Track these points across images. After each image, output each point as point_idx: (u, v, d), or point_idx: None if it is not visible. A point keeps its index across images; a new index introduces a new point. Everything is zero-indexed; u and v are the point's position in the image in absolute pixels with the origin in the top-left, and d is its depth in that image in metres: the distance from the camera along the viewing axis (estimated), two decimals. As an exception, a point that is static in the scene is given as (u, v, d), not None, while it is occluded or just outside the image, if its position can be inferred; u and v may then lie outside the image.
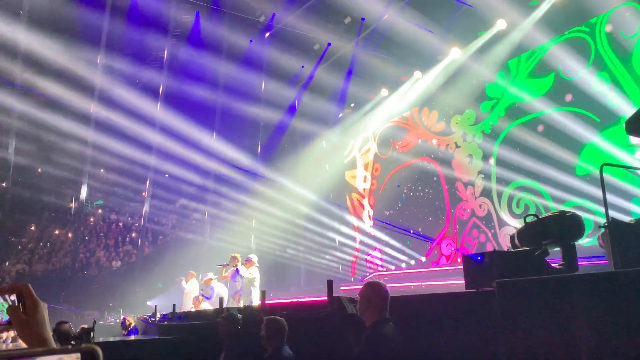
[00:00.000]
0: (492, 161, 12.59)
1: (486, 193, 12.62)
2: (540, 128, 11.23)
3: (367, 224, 16.08)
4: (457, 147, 13.67)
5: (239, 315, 5.40)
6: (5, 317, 1.03)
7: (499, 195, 12.28)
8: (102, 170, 23.58)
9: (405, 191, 15.25)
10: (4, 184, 22.84)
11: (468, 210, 13.07)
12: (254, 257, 10.12)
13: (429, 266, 13.41)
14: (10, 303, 1.01)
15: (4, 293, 1.03)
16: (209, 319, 6.14)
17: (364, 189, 16.87)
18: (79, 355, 0.66)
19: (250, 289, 9.65)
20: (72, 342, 3.51)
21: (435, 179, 14.27)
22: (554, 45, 11.15)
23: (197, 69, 17.75)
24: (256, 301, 9.33)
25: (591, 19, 10.53)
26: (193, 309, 10.58)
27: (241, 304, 9.33)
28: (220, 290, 10.71)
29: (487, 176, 12.66)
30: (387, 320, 3.39)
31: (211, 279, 10.93)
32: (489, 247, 11.87)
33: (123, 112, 18.15)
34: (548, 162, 10.78)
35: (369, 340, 3.27)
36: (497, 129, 12.50)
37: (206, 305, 10.54)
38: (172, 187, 21.48)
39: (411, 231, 14.42)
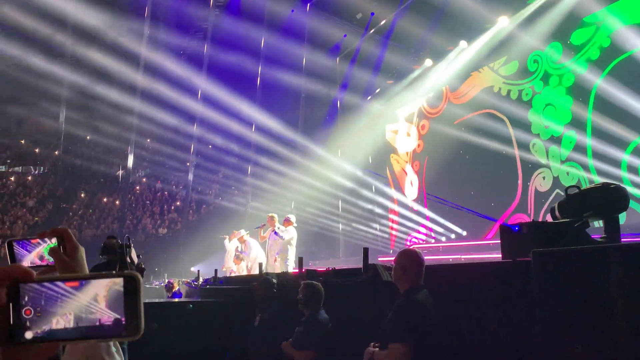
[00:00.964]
0: (587, 111, 9.58)
1: (578, 156, 9.76)
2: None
3: (410, 196, 15.38)
4: (536, 93, 10.80)
5: (274, 280, 5.54)
6: (50, 259, 1.10)
7: (598, 159, 9.23)
8: (148, 140, 24.18)
9: (461, 154, 12.91)
10: (56, 152, 23.77)
11: (550, 179, 10.40)
12: (293, 217, 10.28)
13: (471, 240, 12.43)
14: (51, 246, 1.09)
15: (46, 236, 1.11)
16: (248, 283, 6.32)
17: (407, 152, 15.45)
18: (122, 279, 0.72)
19: (287, 248, 9.86)
20: (117, 251, 3.79)
21: (503, 137, 11.46)
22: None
23: (239, 39, 17.81)
24: (292, 260, 9.57)
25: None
26: (233, 268, 10.97)
27: (277, 263, 9.60)
28: (255, 246, 11.00)
29: (581, 133, 9.69)
30: (421, 287, 3.41)
31: (242, 236, 11.21)
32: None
33: (168, 82, 18.49)
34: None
35: (402, 306, 3.30)
36: (597, 65, 9.41)
37: (243, 263, 10.86)
38: (215, 158, 21.87)
39: (468, 209, 12.29)
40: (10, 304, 0.71)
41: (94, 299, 0.72)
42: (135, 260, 3.81)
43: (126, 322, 0.72)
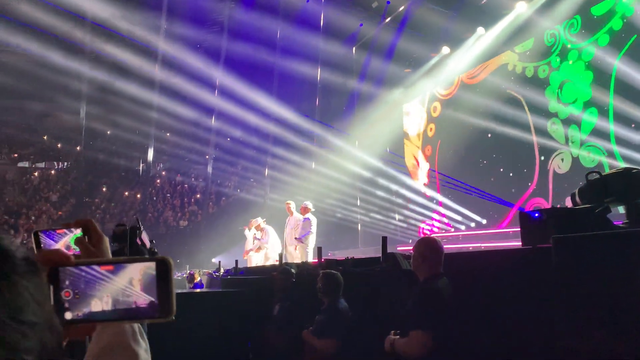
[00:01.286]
0: (610, 87, 8.93)
1: (599, 134, 9.12)
2: None
3: (422, 181, 15.26)
4: (553, 70, 10.22)
5: (293, 270, 5.59)
6: (76, 249, 1.14)
7: (622, 142, 8.60)
8: (167, 134, 24.42)
9: (474, 136, 12.41)
10: (78, 148, 24.13)
11: (569, 160, 9.82)
12: (310, 204, 10.18)
13: (490, 228, 12.18)
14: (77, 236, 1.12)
15: (70, 227, 1.14)
16: (268, 273, 6.38)
17: (418, 135, 15.30)
18: (154, 263, 0.77)
19: (308, 231, 9.84)
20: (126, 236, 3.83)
21: (518, 118, 10.92)
22: None
23: (255, 31, 17.84)
24: (311, 247, 9.61)
25: None
26: (253, 255, 11.07)
27: (297, 251, 9.64)
28: (273, 233, 11.08)
29: (602, 111, 9.07)
30: (441, 275, 3.41)
31: (260, 224, 11.27)
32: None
33: (186, 76, 18.62)
34: None
35: (422, 294, 3.31)
36: (620, 36, 8.78)
37: (263, 251, 10.94)
38: (234, 150, 22.01)
39: (480, 192, 11.65)
40: (51, 286, 0.74)
41: (129, 283, 0.76)
42: (148, 243, 3.80)
43: (159, 304, 0.76)
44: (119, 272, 0.76)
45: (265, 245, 10.96)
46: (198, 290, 9.20)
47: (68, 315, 0.75)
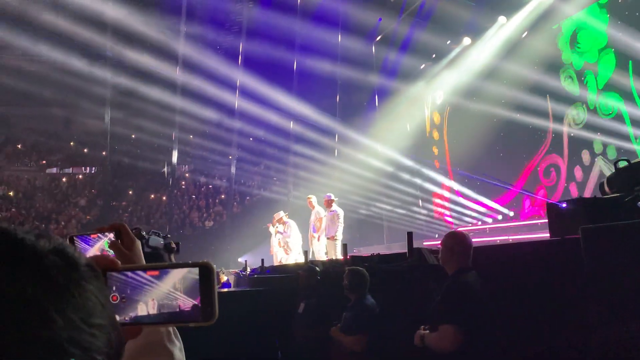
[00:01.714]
0: (627, 29, 7.89)
1: (617, 84, 8.28)
2: None
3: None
4: (565, 17, 9.49)
5: (318, 268, 5.61)
6: (110, 252, 1.17)
7: None
8: (190, 136, 24.66)
9: (480, 91, 12.29)
10: (103, 152, 24.55)
11: (584, 112, 8.98)
12: (332, 195, 10.17)
13: (518, 219, 12.19)
14: (110, 240, 1.15)
15: (104, 231, 1.17)
16: (294, 272, 6.42)
17: (432, 114, 15.31)
18: (197, 268, 0.78)
19: (337, 226, 9.80)
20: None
21: (528, 72, 10.20)
22: None
23: (273, 30, 17.89)
24: (340, 239, 9.57)
25: None
26: (279, 251, 11.12)
27: (323, 246, 9.63)
28: (295, 226, 11.10)
29: (620, 55, 8.21)
30: (470, 268, 3.39)
31: (282, 217, 11.29)
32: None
33: (206, 78, 18.78)
34: None
35: (452, 288, 3.29)
36: None
37: (288, 243, 10.96)
38: (256, 150, 22.14)
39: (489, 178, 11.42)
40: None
41: (173, 287, 0.78)
42: (160, 245, 3.79)
43: (202, 308, 0.77)
44: (163, 277, 0.78)
45: (287, 238, 10.98)
46: (225, 289, 9.31)
47: None
